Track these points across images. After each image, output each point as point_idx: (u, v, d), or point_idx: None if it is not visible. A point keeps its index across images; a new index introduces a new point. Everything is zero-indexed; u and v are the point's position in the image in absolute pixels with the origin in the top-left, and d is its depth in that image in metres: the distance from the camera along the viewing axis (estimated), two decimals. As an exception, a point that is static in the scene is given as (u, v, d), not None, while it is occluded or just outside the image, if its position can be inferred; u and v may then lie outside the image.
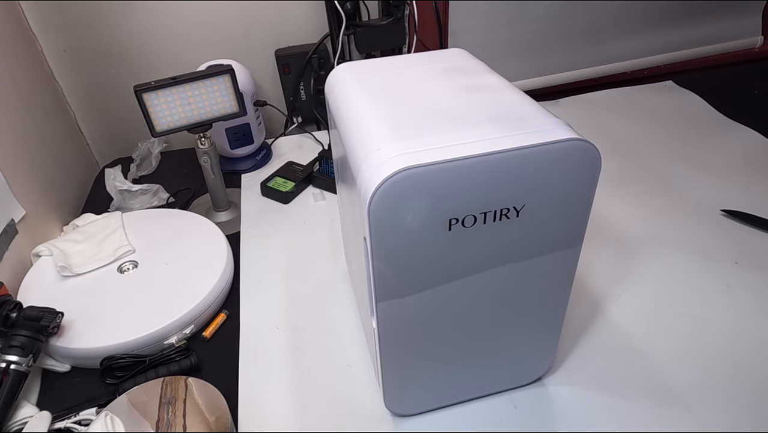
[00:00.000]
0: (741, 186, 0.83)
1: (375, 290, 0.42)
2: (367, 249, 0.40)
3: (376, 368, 0.53)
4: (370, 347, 0.56)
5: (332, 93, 0.52)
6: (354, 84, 0.50)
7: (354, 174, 0.41)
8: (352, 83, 0.50)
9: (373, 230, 0.39)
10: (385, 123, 0.42)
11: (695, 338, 0.61)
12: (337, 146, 0.52)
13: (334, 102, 0.51)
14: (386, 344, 0.47)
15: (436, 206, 0.39)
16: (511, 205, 0.40)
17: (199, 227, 0.80)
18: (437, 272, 0.43)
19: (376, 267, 0.41)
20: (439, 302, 0.45)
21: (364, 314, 0.53)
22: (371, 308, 0.45)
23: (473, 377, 0.53)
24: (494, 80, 0.49)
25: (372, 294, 0.43)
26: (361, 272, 0.47)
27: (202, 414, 0.50)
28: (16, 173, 0.76)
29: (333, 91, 0.52)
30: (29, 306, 0.61)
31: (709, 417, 0.53)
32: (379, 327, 0.45)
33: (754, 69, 1.24)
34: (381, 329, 0.45)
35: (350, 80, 0.51)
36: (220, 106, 0.77)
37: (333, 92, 0.52)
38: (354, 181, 0.41)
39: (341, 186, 0.55)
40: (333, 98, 0.51)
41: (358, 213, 0.41)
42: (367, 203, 0.37)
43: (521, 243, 0.43)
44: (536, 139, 0.38)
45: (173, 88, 0.72)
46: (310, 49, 1.04)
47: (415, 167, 0.37)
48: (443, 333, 0.48)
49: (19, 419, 0.56)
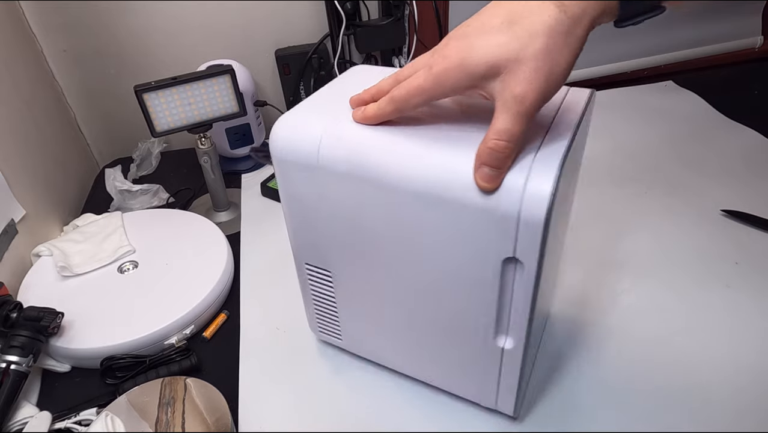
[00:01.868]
0: (741, 186, 0.83)
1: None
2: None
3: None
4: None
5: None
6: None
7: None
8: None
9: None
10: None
11: (695, 338, 0.61)
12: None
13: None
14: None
15: None
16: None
17: (199, 227, 0.80)
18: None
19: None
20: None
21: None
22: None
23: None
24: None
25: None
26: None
27: (201, 414, 0.50)
28: (16, 173, 0.76)
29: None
30: (29, 306, 0.61)
31: (709, 417, 0.53)
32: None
33: (754, 69, 1.24)
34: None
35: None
36: (220, 107, 0.77)
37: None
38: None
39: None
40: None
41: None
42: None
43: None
44: None
45: (173, 89, 0.72)
46: (310, 49, 1.04)
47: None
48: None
49: (19, 419, 0.56)
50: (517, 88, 0.35)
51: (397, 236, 0.44)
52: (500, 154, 0.36)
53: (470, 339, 0.47)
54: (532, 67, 0.34)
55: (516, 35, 0.34)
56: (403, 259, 0.45)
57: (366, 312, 0.53)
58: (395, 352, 0.56)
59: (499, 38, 0.35)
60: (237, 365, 0.62)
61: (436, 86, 0.38)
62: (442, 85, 0.37)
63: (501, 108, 0.36)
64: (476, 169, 0.37)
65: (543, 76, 0.34)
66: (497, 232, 0.38)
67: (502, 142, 0.36)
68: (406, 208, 0.41)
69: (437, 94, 0.38)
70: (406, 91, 0.39)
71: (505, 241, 0.38)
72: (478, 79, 0.36)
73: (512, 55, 0.34)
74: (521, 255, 0.38)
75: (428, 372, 0.55)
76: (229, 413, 0.51)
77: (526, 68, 0.34)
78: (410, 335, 0.52)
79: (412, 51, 1.10)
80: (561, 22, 0.34)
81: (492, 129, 0.36)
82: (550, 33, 0.34)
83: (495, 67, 0.35)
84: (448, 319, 0.47)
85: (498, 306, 0.43)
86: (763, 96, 1.09)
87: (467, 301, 0.44)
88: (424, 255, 0.43)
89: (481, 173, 0.37)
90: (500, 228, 0.38)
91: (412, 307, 0.48)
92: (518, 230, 0.37)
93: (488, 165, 0.36)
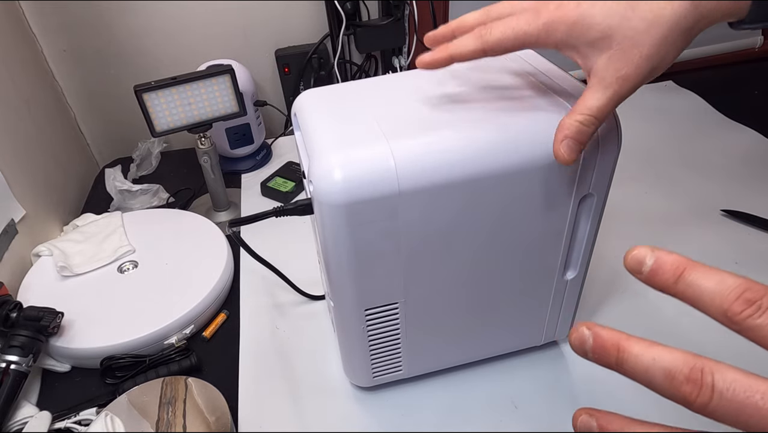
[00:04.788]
0: (741, 186, 0.83)
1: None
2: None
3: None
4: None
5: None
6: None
7: None
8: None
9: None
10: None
11: (695, 338, 0.61)
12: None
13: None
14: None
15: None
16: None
17: (199, 227, 0.80)
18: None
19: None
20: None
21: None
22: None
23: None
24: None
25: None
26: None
27: (202, 414, 0.50)
28: (16, 173, 0.76)
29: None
30: (29, 306, 0.61)
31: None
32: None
33: (754, 69, 1.24)
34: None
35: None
36: (220, 106, 0.77)
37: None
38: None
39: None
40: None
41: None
42: None
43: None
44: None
45: (173, 88, 0.72)
46: (310, 49, 1.04)
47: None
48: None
49: (19, 419, 0.56)
50: (623, 70, 0.33)
51: (483, 222, 0.44)
52: (587, 129, 0.35)
53: (542, 283, 0.51)
54: (645, 54, 0.33)
55: (642, 14, 0.33)
56: (486, 242, 0.45)
57: (435, 319, 0.50)
58: (459, 343, 0.54)
59: (625, 10, 0.33)
60: (237, 365, 0.62)
61: (542, 35, 0.35)
62: (549, 36, 0.35)
63: (597, 84, 0.35)
64: (559, 141, 0.36)
65: (650, 66, 0.33)
66: (581, 177, 0.43)
67: (592, 117, 0.35)
68: (495, 190, 0.42)
69: (540, 43, 0.35)
70: (503, 33, 0.35)
71: (584, 182, 0.43)
72: (585, 43, 0.34)
73: (630, 33, 0.33)
74: (594, 189, 0.44)
75: (489, 345, 0.56)
76: (229, 413, 0.51)
77: (638, 52, 0.33)
78: (479, 312, 0.51)
79: (412, 51, 1.10)
80: (688, 17, 0.32)
81: (583, 104, 0.35)
82: (675, 25, 0.32)
83: (608, 39, 0.33)
84: (521, 274, 0.49)
85: (569, 243, 0.48)
86: (763, 96, 1.09)
87: (542, 249, 0.48)
88: (508, 228, 0.45)
89: (565, 146, 0.36)
90: (582, 174, 0.43)
91: (486, 281, 0.49)
92: (595, 167, 0.43)
93: (573, 138, 0.36)
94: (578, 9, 0.34)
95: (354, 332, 0.49)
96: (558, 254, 0.49)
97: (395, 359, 0.53)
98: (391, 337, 0.50)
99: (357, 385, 0.58)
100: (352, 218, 0.40)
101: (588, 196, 0.45)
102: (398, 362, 0.53)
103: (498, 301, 0.51)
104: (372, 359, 0.52)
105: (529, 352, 0.60)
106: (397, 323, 0.49)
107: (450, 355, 0.56)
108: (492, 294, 0.50)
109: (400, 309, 0.48)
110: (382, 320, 0.48)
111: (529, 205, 0.44)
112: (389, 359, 0.53)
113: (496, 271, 0.48)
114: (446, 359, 0.57)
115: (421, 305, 0.48)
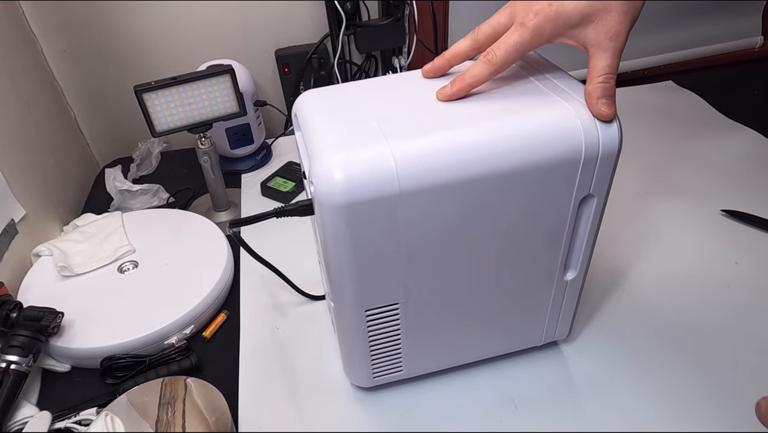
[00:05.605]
0: (741, 186, 0.83)
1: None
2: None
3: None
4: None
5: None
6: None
7: None
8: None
9: None
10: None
11: (695, 338, 0.61)
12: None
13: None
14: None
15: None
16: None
17: (199, 227, 0.80)
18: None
19: None
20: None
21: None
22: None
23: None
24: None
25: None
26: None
27: (201, 414, 0.50)
28: (15, 173, 0.76)
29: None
30: (29, 306, 0.61)
31: (709, 417, 0.53)
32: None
33: (754, 69, 1.24)
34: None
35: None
36: (220, 106, 0.77)
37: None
38: None
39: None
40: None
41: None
42: None
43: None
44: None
45: (173, 89, 0.72)
46: (310, 49, 1.04)
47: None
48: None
49: (19, 419, 0.56)
50: (611, 30, 0.41)
51: (483, 222, 0.44)
52: (609, 84, 0.42)
53: (542, 283, 0.51)
54: (621, 11, 0.41)
55: None
56: (487, 243, 0.46)
57: (436, 320, 0.51)
58: (459, 344, 0.55)
59: None
60: (237, 365, 0.62)
61: (535, 38, 0.42)
62: (540, 36, 0.42)
63: (597, 50, 0.42)
64: (595, 103, 0.42)
65: (630, 18, 0.41)
66: (581, 179, 0.44)
67: (608, 75, 0.42)
68: (496, 191, 0.42)
69: (534, 45, 0.43)
70: (505, 51, 0.43)
71: (584, 183, 0.44)
72: (570, 27, 0.42)
73: (600, 4, 0.40)
74: (595, 190, 0.45)
75: (489, 345, 0.57)
76: (229, 413, 0.51)
77: (615, 13, 0.41)
78: (479, 312, 0.52)
79: (412, 51, 1.10)
80: None
81: (595, 69, 0.42)
82: None
83: (587, 16, 0.41)
84: (521, 275, 0.50)
85: (569, 244, 0.48)
86: (763, 96, 1.09)
87: (543, 250, 0.48)
88: (508, 229, 0.45)
89: (602, 104, 0.42)
90: (583, 175, 0.43)
91: (486, 281, 0.49)
92: (596, 168, 0.43)
93: (604, 97, 0.42)
94: (553, 6, 0.41)
95: (354, 333, 0.49)
96: (558, 255, 0.49)
97: (395, 359, 0.53)
98: (391, 337, 0.50)
99: (357, 385, 0.58)
100: (353, 218, 0.40)
101: (588, 197, 0.45)
102: (398, 362, 0.54)
103: (498, 301, 0.51)
104: (372, 360, 0.52)
105: (529, 352, 0.60)
106: (397, 324, 0.49)
107: (450, 355, 0.56)
108: (492, 294, 0.50)
109: (400, 310, 0.48)
110: (382, 321, 0.48)
111: (530, 206, 0.44)
112: (389, 359, 0.53)
113: (496, 271, 0.48)
114: (446, 360, 0.57)
115: (421, 305, 0.48)
